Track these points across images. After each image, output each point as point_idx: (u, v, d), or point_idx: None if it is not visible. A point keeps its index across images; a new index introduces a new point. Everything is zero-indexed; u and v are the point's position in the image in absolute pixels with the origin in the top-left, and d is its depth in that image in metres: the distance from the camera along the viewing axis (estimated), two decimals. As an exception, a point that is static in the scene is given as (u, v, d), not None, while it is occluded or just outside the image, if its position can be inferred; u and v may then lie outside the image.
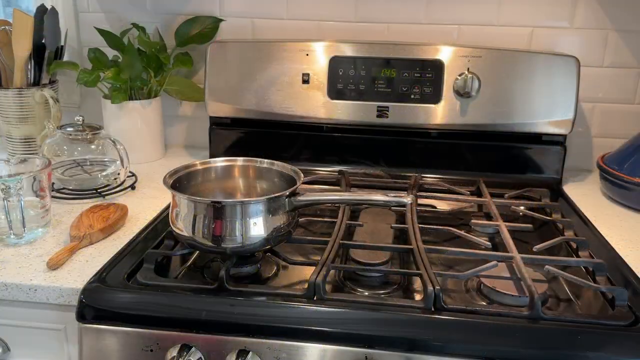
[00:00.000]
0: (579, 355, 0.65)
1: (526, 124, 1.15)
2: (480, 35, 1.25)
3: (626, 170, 1.08)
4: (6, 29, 1.25)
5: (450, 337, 0.68)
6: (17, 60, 1.23)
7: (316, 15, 1.29)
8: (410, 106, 1.17)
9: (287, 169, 0.87)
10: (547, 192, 1.10)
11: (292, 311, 0.70)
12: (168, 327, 0.71)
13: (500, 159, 1.19)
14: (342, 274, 0.83)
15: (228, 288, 0.73)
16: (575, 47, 1.24)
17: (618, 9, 1.21)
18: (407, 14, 1.26)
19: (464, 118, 1.16)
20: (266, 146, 1.25)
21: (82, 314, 0.73)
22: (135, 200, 1.07)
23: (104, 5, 1.36)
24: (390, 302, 0.72)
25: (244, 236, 0.75)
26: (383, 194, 0.78)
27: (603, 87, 1.26)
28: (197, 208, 0.76)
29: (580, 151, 1.31)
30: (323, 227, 0.99)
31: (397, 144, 1.21)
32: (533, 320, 0.69)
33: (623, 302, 0.73)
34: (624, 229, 1.00)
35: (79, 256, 0.85)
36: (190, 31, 1.29)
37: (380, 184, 1.17)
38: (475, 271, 0.78)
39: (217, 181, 0.90)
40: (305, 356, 0.69)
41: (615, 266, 0.83)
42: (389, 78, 1.17)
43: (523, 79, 1.13)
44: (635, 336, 0.67)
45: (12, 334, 0.83)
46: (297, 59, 1.18)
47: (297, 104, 1.19)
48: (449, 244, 0.94)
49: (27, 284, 0.78)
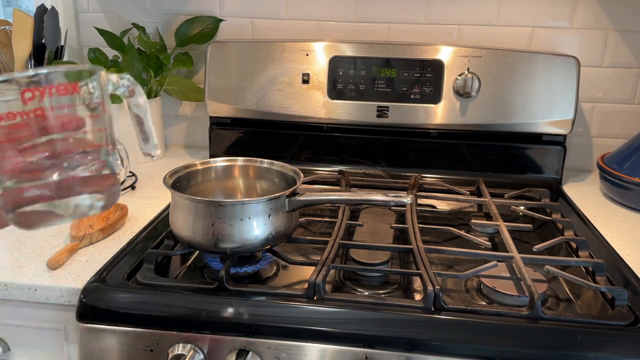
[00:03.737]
0: (579, 355, 0.65)
1: (526, 124, 1.15)
2: (480, 35, 1.25)
3: (626, 170, 1.08)
4: (6, 29, 1.25)
5: (450, 337, 0.68)
6: (17, 60, 1.22)
7: (316, 15, 1.29)
8: (410, 106, 1.17)
9: (287, 169, 0.87)
10: (547, 192, 1.10)
11: (292, 311, 0.70)
12: (168, 327, 0.71)
13: (500, 159, 1.19)
14: (342, 274, 0.83)
15: (228, 288, 0.73)
16: (575, 47, 1.24)
17: (618, 9, 1.21)
18: (407, 14, 1.26)
19: (463, 118, 1.16)
20: (266, 146, 1.25)
21: (82, 314, 0.73)
22: (135, 200, 1.07)
23: (104, 5, 1.36)
24: (390, 302, 0.72)
25: (243, 236, 0.75)
26: (383, 194, 0.78)
27: (603, 87, 1.26)
28: (197, 208, 0.76)
29: (580, 151, 1.31)
30: (323, 227, 0.99)
31: (397, 144, 1.21)
32: (533, 320, 0.69)
33: (623, 302, 0.73)
34: (624, 229, 1.00)
35: (79, 256, 0.85)
36: (190, 31, 1.29)
37: (380, 184, 1.17)
38: (475, 271, 0.78)
39: (217, 181, 0.90)
40: (305, 356, 0.69)
41: (615, 266, 0.84)
42: (389, 78, 1.17)
43: (523, 79, 1.13)
44: (635, 336, 0.67)
45: (12, 334, 0.83)
46: (297, 59, 1.18)
47: (297, 104, 1.19)
48: (449, 243, 0.94)
49: (27, 284, 0.78)
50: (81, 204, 0.49)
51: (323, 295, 0.72)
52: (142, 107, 0.57)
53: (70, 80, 0.47)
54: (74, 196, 0.49)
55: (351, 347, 0.68)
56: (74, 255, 0.85)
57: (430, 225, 0.95)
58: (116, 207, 0.98)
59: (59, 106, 0.47)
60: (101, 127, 0.50)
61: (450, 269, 0.87)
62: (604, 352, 0.65)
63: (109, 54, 1.27)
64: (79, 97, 0.48)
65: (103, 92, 0.50)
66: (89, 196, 0.49)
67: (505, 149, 1.19)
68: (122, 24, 1.34)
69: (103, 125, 0.50)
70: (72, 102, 0.48)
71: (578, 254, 0.89)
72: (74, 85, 0.47)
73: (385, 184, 1.17)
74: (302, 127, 1.22)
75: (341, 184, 1.14)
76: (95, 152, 0.50)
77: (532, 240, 0.94)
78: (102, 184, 0.50)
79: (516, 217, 1.05)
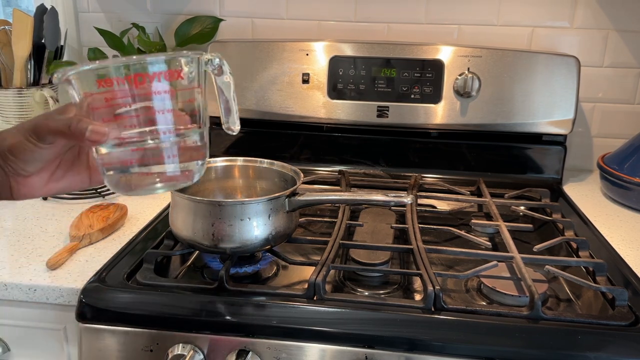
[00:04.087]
0: (579, 356, 0.65)
1: (526, 124, 1.15)
2: (480, 35, 1.25)
3: (626, 170, 1.08)
4: (6, 29, 1.25)
5: (451, 337, 0.68)
6: (16, 60, 1.22)
7: (316, 15, 1.29)
8: (411, 106, 1.17)
9: (287, 169, 0.86)
10: (548, 192, 1.10)
11: (292, 311, 0.70)
12: (168, 327, 0.71)
13: (500, 159, 1.19)
14: (342, 274, 0.83)
15: (228, 288, 0.73)
16: (575, 47, 1.24)
17: (618, 9, 1.21)
18: (407, 13, 1.26)
19: (464, 118, 1.16)
20: (266, 146, 1.25)
21: (82, 314, 0.73)
22: (135, 200, 1.06)
23: (103, 5, 1.36)
24: (390, 302, 0.72)
25: (243, 236, 0.75)
26: (383, 194, 0.78)
27: (603, 87, 1.26)
28: (197, 208, 0.76)
29: (581, 151, 1.31)
30: (323, 227, 0.99)
31: (397, 144, 1.21)
32: (533, 321, 0.69)
33: (623, 302, 0.72)
34: (624, 229, 1.00)
35: (79, 256, 0.85)
36: (190, 31, 1.29)
37: (380, 184, 1.17)
38: (476, 271, 0.78)
39: (217, 181, 0.90)
40: (305, 356, 0.69)
41: (616, 266, 0.83)
42: (389, 78, 1.16)
43: (523, 79, 1.13)
44: (635, 336, 0.67)
45: (12, 334, 0.83)
46: (297, 59, 1.18)
47: (297, 104, 1.19)
48: (449, 244, 0.94)
49: (26, 284, 0.78)
50: (174, 173, 0.56)
51: (323, 296, 0.72)
52: (228, 84, 0.61)
53: (174, 67, 0.53)
54: (170, 164, 0.55)
55: (351, 348, 0.68)
56: (74, 255, 0.85)
57: (430, 225, 0.95)
58: (116, 207, 0.98)
59: (165, 90, 0.53)
60: (197, 107, 0.56)
61: (450, 269, 0.86)
62: (604, 352, 0.65)
63: (108, 53, 1.27)
64: (181, 82, 0.54)
65: (199, 75, 0.56)
66: (179, 166, 0.56)
67: (506, 149, 1.19)
68: (122, 24, 1.34)
69: (198, 106, 0.56)
70: (179, 85, 0.54)
71: (578, 254, 0.88)
72: (179, 71, 0.54)
73: (385, 184, 1.17)
74: (302, 127, 1.22)
75: (341, 184, 1.14)
76: (190, 129, 0.56)
77: (533, 241, 0.93)
78: (193, 158, 0.57)
79: (516, 217, 1.05)
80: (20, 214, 1.00)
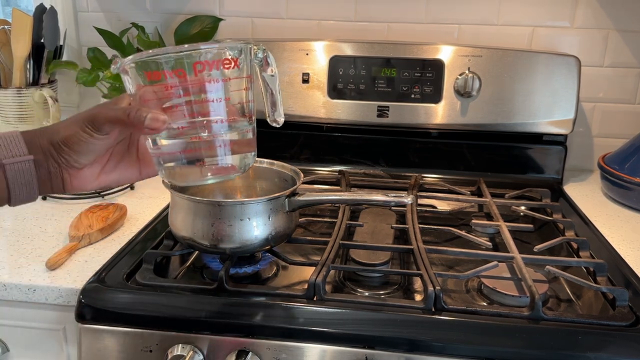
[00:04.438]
0: (580, 356, 0.65)
1: (527, 124, 1.15)
2: (480, 34, 1.25)
3: (627, 170, 1.07)
4: (5, 29, 1.24)
5: (451, 338, 0.68)
6: (16, 60, 1.22)
7: (316, 15, 1.29)
8: (411, 106, 1.17)
9: (287, 169, 0.86)
10: (548, 192, 1.10)
11: (292, 312, 0.70)
12: (167, 327, 0.71)
13: (500, 158, 1.19)
14: (342, 274, 0.83)
15: (227, 288, 0.73)
16: (575, 47, 1.23)
17: (618, 9, 1.20)
18: (407, 13, 1.26)
19: (464, 118, 1.16)
20: (266, 146, 1.23)
21: (81, 314, 0.73)
22: (134, 200, 1.06)
23: (103, 5, 1.36)
24: (390, 303, 0.72)
25: (243, 236, 0.75)
26: (383, 194, 0.78)
27: (603, 87, 1.26)
28: (197, 208, 0.76)
29: (581, 151, 1.30)
30: (323, 227, 0.99)
31: (397, 144, 1.21)
32: (534, 321, 0.69)
33: (624, 303, 0.72)
34: (625, 229, 1.00)
35: (78, 256, 0.85)
36: (190, 31, 1.29)
37: (380, 184, 1.17)
38: (476, 271, 0.78)
39: (217, 181, 0.90)
40: (305, 356, 0.69)
41: (616, 266, 0.83)
42: (389, 78, 1.16)
43: (524, 79, 1.13)
44: (635, 336, 0.67)
45: (11, 334, 0.83)
46: (297, 59, 1.18)
47: (297, 104, 1.19)
48: (449, 244, 0.93)
49: (26, 284, 0.78)
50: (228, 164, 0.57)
51: (323, 296, 0.72)
52: (273, 78, 0.62)
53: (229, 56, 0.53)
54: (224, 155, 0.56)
55: (351, 348, 0.68)
56: (73, 255, 0.85)
57: (430, 225, 0.94)
58: (115, 207, 0.98)
59: (223, 79, 0.53)
60: (248, 98, 0.56)
61: (450, 269, 0.86)
62: (605, 353, 0.65)
63: (108, 53, 1.27)
64: (239, 70, 0.54)
65: (251, 66, 0.56)
66: (232, 157, 0.57)
67: (506, 149, 1.19)
68: (121, 24, 1.34)
69: (248, 97, 0.57)
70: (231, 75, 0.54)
71: (579, 254, 0.88)
72: (236, 60, 0.54)
73: (385, 184, 1.17)
74: (302, 126, 1.22)
75: (341, 184, 1.14)
76: (242, 121, 0.56)
77: (533, 241, 0.93)
78: (245, 149, 0.58)
79: (517, 217, 1.05)
80: (20, 214, 1.00)
